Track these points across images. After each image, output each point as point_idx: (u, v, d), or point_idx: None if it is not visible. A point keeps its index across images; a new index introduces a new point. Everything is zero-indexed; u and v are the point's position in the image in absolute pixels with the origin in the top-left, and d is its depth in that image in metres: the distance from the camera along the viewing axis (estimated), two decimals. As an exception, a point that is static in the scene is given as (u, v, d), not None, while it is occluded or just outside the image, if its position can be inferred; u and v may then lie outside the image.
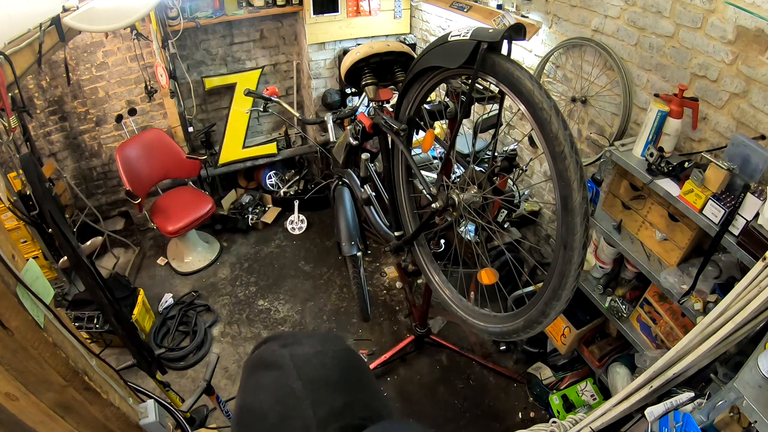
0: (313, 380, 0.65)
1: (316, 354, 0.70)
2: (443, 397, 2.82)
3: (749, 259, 1.49)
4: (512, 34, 1.07)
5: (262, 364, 0.69)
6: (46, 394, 1.04)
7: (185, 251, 3.74)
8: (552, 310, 1.16)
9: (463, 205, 1.39)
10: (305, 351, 0.71)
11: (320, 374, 0.67)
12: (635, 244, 2.06)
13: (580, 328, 2.42)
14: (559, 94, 2.62)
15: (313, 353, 0.70)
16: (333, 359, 0.69)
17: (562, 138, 1.00)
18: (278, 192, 4.33)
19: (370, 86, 1.77)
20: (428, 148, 1.45)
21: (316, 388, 0.64)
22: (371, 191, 2.06)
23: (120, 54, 3.57)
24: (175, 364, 3.00)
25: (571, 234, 1.04)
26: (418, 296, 3.19)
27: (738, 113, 1.74)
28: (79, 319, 2.86)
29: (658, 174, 1.80)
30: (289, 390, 0.63)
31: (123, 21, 2.42)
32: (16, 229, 2.83)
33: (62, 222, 1.32)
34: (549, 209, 2.96)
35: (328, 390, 0.64)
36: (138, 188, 3.29)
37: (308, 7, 3.55)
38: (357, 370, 0.74)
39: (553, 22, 2.52)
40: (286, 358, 0.68)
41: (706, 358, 1.14)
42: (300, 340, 0.76)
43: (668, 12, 1.90)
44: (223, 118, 4.01)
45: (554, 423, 1.34)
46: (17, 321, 0.91)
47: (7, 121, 2.18)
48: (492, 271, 1.39)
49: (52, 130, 3.58)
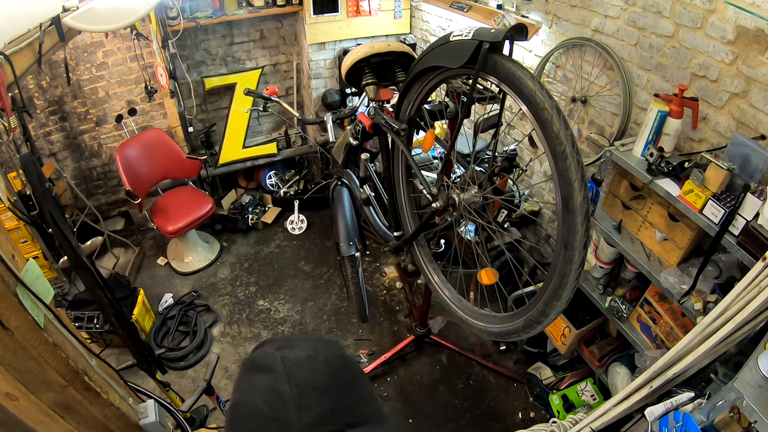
0: (301, 384, 0.64)
1: (307, 358, 0.69)
2: (443, 397, 2.82)
3: (749, 259, 1.49)
4: (514, 35, 1.07)
5: (255, 366, 0.69)
6: (46, 394, 1.04)
7: (185, 251, 3.74)
8: (552, 310, 1.16)
9: (463, 205, 1.39)
10: (297, 355, 0.70)
11: (309, 378, 0.66)
12: (635, 244, 2.06)
13: (580, 328, 2.42)
14: (559, 94, 2.62)
15: (305, 357, 0.69)
16: (324, 364, 0.69)
17: (564, 138, 1.00)
18: (278, 192, 4.33)
19: (371, 86, 1.77)
20: (428, 148, 1.45)
21: (304, 392, 0.63)
22: (371, 191, 2.06)
23: (120, 54, 3.57)
24: (175, 364, 3.00)
25: (572, 234, 1.04)
26: (418, 296, 3.19)
27: (738, 113, 1.75)
28: (79, 319, 2.86)
29: (658, 174, 1.80)
30: (277, 393, 0.63)
31: (123, 21, 2.42)
32: (16, 229, 2.83)
33: (62, 222, 1.32)
34: (549, 209, 2.96)
35: (316, 395, 0.63)
36: (138, 188, 3.29)
37: (308, 7, 3.55)
38: (349, 375, 0.73)
39: (553, 22, 2.52)
40: (278, 361, 0.68)
41: (706, 358, 1.15)
42: (295, 343, 0.75)
43: (668, 12, 1.90)
44: (223, 118, 4.01)
45: (554, 423, 1.34)
46: (17, 321, 0.91)
47: (7, 121, 2.17)
48: (492, 271, 1.39)
49: (52, 130, 3.58)
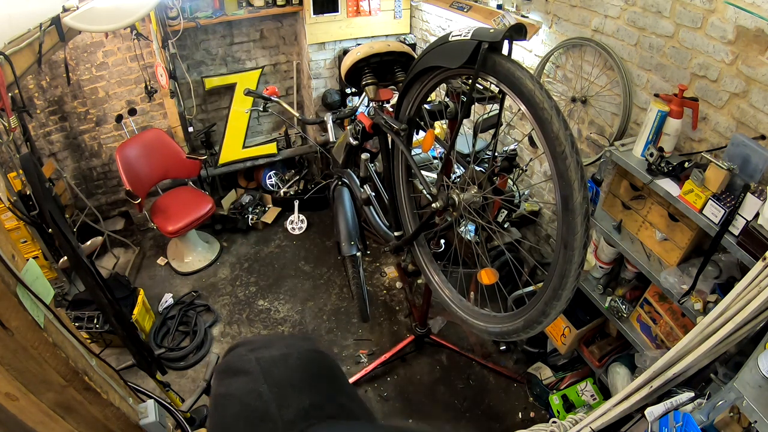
0: (279, 383, 0.64)
1: (282, 356, 0.69)
2: (443, 397, 2.82)
3: (749, 259, 1.49)
4: (513, 35, 1.07)
5: (231, 371, 0.68)
6: (46, 394, 1.04)
7: (185, 251, 3.74)
8: (552, 310, 1.16)
9: (463, 205, 1.39)
10: (272, 354, 0.70)
11: (286, 376, 0.66)
12: (635, 244, 2.06)
13: (580, 328, 2.42)
14: (559, 94, 2.62)
15: (279, 356, 0.69)
16: (298, 359, 0.68)
17: (563, 138, 1.00)
18: (278, 192, 4.33)
19: (371, 86, 1.77)
20: (428, 148, 1.45)
21: (283, 390, 0.63)
22: (371, 191, 2.06)
23: (120, 54, 3.57)
24: (175, 364, 3.00)
25: (572, 234, 1.04)
26: (418, 296, 3.19)
27: (738, 113, 1.74)
28: (79, 319, 2.86)
29: (658, 174, 1.80)
30: (257, 394, 0.62)
31: (123, 21, 2.42)
32: (16, 229, 2.83)
33: (62, 222, 1.32)
34: (549, 209, 2.96)
35: (295, 391, 0.63)
36: (138, 188, 3.29)
37: (308, 7, 3.55)
38: (325, 369, 0.73)
39: (553, 22, 2.52)
40: (253, 362, 0.67)
41: (706, 358, 1.14)
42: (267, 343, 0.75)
43: (668, 12, 1.90)
44: (223, 118, 4.01)
45: (554, 423, 1.34)
46: (17, 321, 0.92)
47: (7, 121, 2.18)
48: (492, 271, 1.39)
49: (52, 130, 3.58)
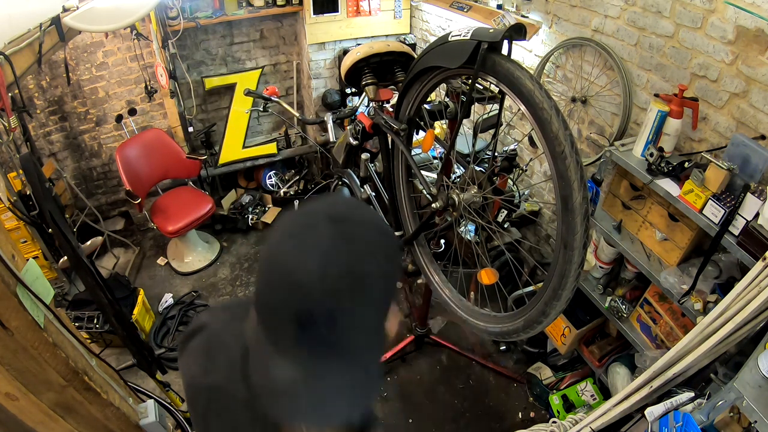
0: (226, 320, 0.79)
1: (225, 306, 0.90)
2: (443, 397, 2.81)
3: (749, 259, 1.49)
4: (513, 34, 1.07)
5: (189, 334, 0.81)
6: (46, 394, 1.04)
7: (185, 251, 3.74)
8: (552, 309, 1.16)
9: (463, 205, 1.39)
10: (219, 307, 1.03)
11: (232, 312, 0.81)
12: (635, 244, 2.06)
13: (580, 328, 2.42)
14: (559, 94, 2.62)
15: (222, 307, 0.84)
16: (240, 299, 0.80)
17: (563, 138, 1.00)
18: (278, 192, 4.33)
19: (371, 86, 1.78)
20: (428, 148, 1.46)
21: (233, 322, 0.74)
22: (371, 191, 2.06)
23: (120, 54, 3.57)
24: (175, 364, 2.99)
25: (572, 234, 1.04)
26: (418, 296, 3.19)
27: (738, 113, 1.74)
28: (79, 319, 2.86)
29: (658, 174, 1.80)
30: (214, 335, 0.77)
31: (123, 21, 2.42)
32: (16, 229, 2.83)
33: (62, 222, 1.33)
34: (549, 209, 2.96)
35: (240, 319, 0.72)
36: (138, 188, 3.29)
37: (308, 7, 3.54)
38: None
39: (553, 22, 2.52)
40: (203, 316, 0.83)
41: (706, 358, 1.15)
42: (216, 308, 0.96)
43: (668, 12, 1.90)
44: (223, 118, 4.01)
45: (554, 423, 1.35)
46: (17, 321, 0.92)
47: (7, 121, 2.18)
48: (492, 271, 1.39)
49: (52, 130, 3.58)
